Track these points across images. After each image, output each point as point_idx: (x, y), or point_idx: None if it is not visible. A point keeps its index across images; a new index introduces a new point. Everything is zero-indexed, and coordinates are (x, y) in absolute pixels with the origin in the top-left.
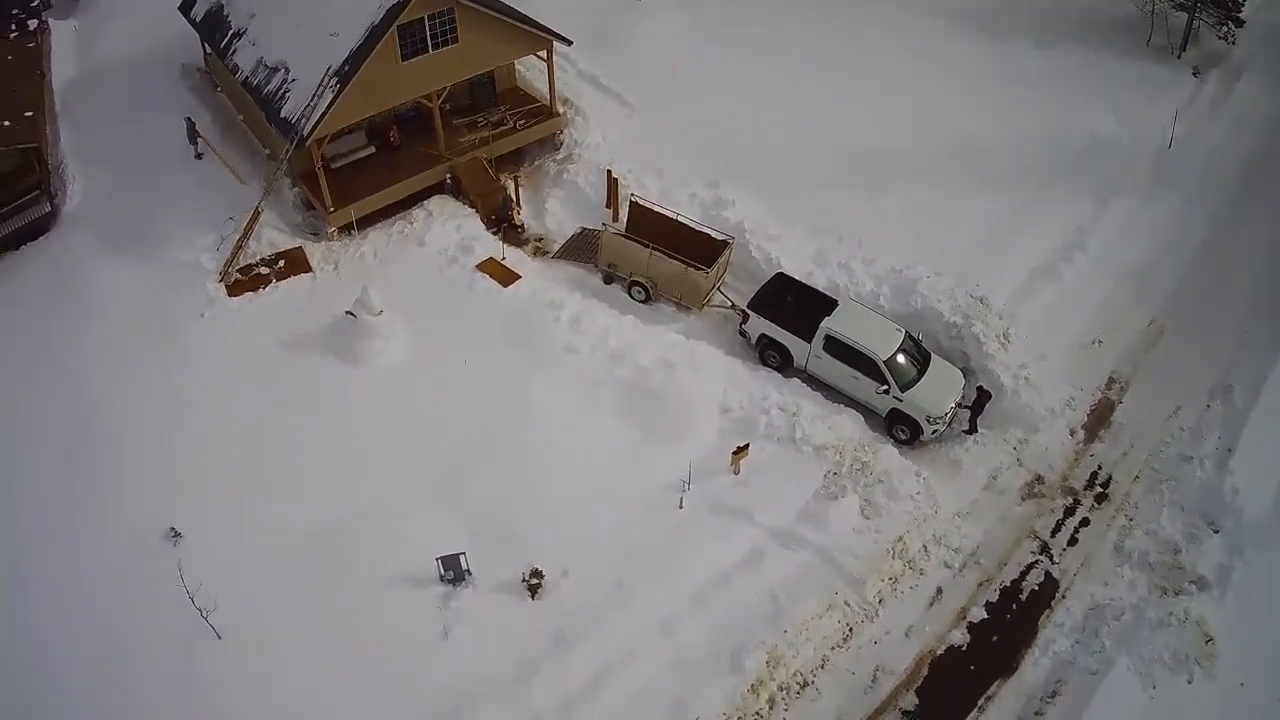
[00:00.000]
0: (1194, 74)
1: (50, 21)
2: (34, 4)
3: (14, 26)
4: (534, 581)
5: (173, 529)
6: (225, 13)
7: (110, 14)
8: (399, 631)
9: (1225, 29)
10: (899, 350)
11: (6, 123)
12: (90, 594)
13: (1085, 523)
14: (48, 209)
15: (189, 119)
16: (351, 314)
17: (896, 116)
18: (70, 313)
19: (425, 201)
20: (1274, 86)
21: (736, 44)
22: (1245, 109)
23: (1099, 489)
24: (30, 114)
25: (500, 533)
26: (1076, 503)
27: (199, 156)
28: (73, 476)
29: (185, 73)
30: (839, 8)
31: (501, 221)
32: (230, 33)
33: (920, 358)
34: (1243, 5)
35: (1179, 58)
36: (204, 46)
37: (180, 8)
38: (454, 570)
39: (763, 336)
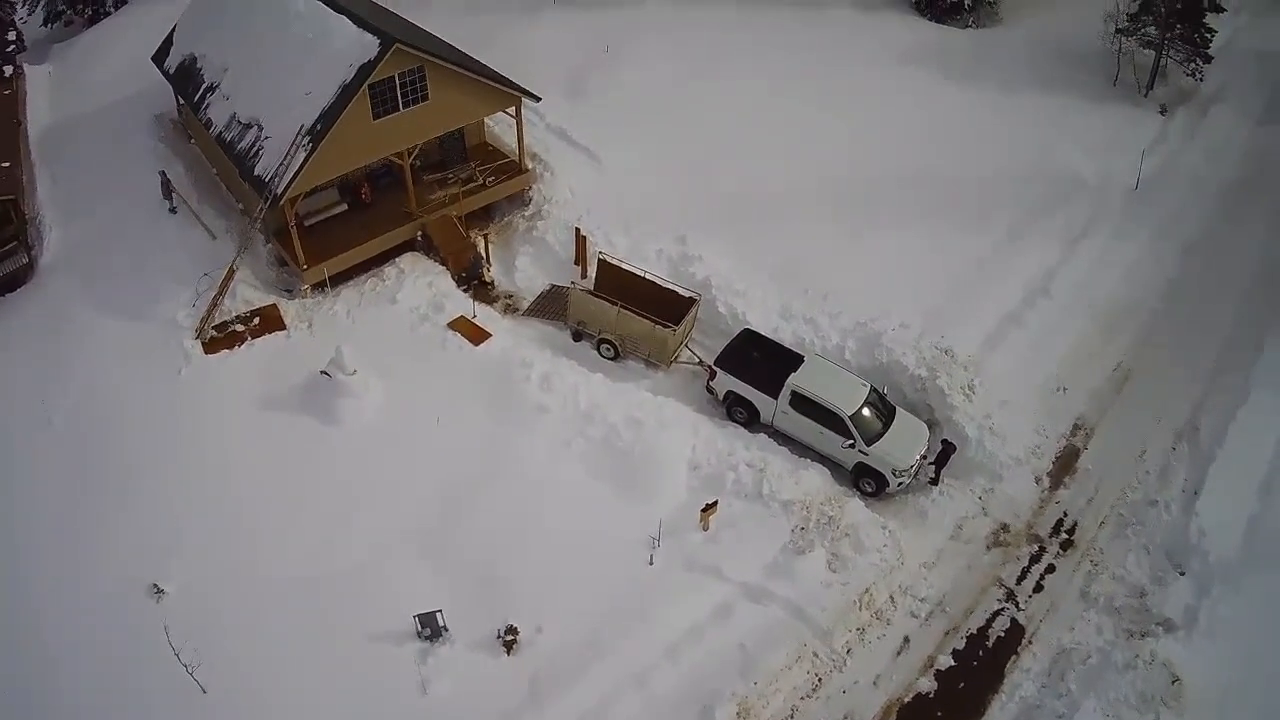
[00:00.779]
0: (1161, 112)
1: (25, 66)
2: (9, 49)
3: None
4: (509, 638)
5: (155, 585)
6: (199, 66)
7: (84, 60)
8: (379, 687)
9: (1193, 65)
10: (864, 405)
11: None
12: (75, 651)
13: (1051, 569)
14: (25, 260)
15: (163, 173)
16: (326, 374)
17: (866, 161)
18: (50, 368)
19: (397, 259)
20: (1240, 120)
21: (708, 90)
22: (1213, 144)
23: (1065, 535)
24: (7, 164)
25: (476, 588)
26: (1042, 550)
27: (173, 211)
28: (55, 534)
29: (159, 123)
30: (809, 47)
31: (472, 279)
32: (204, 86)
33: (885, 411)
34: (1210, 40)
35: (1145, 95)
36: (177, 98)
37: (154, 58)
38: (431, 627)
39: (730, 393)
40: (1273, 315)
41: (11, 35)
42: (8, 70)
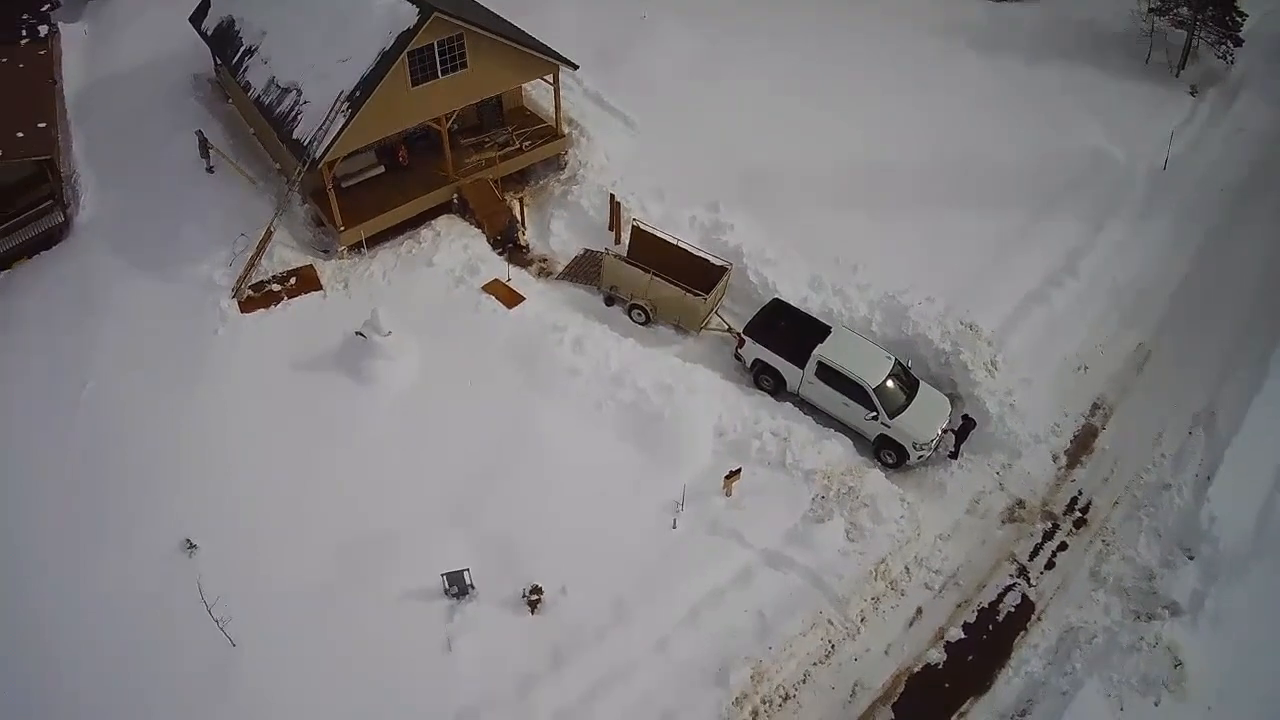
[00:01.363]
0: (1191, 93)
1: (60, 25)
2: (44, 8)
3: (24, 32)
4: (534, 598)
5: (188, 540)
6: (237, 28)
7: (120, 19)
8: (405, 643)
9: (1224, 48)
10: (888, 378)
11: (20, 134)
12: (107, 602)
13: (1063, 547)
14: (60, 219)
15: (200, 132)
16: (361, 335)
17: (897, 136)
18: (87, 327)
19: (433, 221)
20: (1271, 104)
21: (740, 60)
22: (1245, 125)
23: (1078, 514)
24: (44, 125)
25: (503, 549)
26: (1055, 527)
27: (210, 170)
28: (92, 488)
29: (196, 83)
30: (842, 22)
31: (507, 242)
32: (242, 49)
33: (909, 385)
34: (1241, 24)
35: (1177, 76)
36: (215, 58)
37: (191, 19)
38: (458, 585)
39: (757, 361)
40: None
41: None
42: (43, 30)
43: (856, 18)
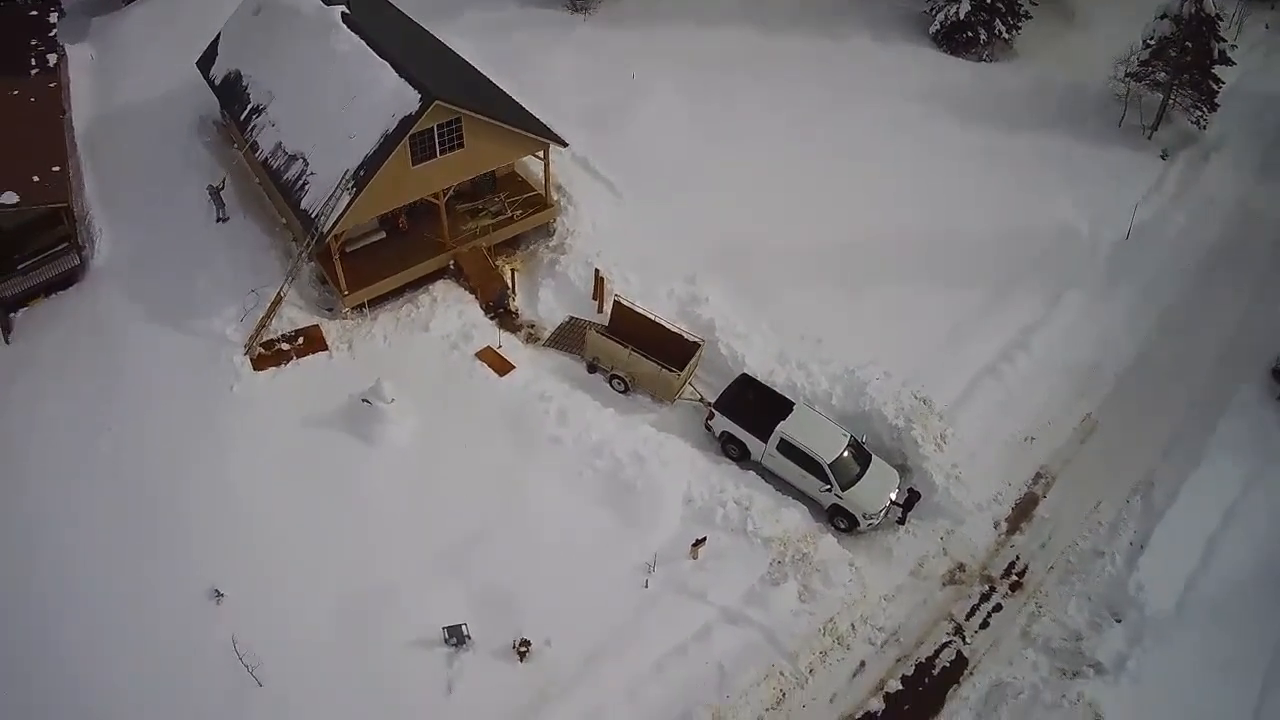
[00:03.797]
0: (1162, 156)
1: (66, 47)
2: (52, 33)
3: (34, 61)
4: (523, 649)
5: (216, 590)
6: (244, 84)
7: (126, 46)
8: (412, 686)
9: (1199, 112)
10: (842, 454)
11: (36, 178)
12: (139, 649)
13: (998, 608)
14: (76, 262)
15: (211, 187)
16: (367, 401)
17: (871, 208)
18: (104, 374)
19: (430, 286)
20: (1241, 169)
21: (726, 126)
22: (1208, 197)
23: (1015, 578)
24: (58, 168)
25: (495, 602)
26: (992, 589)
27: (220, 220)
28: (118, 537)
29: (202, 126)
30: (828, 82)
31: (499, 308)
32: (249, 106)
33: (861, 459)
34: (1217, 92)
35: (1150, 138)
36: (222, 109)
37: (199, 64)
38: (456, 636)
39: (725, 433)
40: (1238, 384)
41: (54, 17)
42: (51, 59)
43: (837, 75)
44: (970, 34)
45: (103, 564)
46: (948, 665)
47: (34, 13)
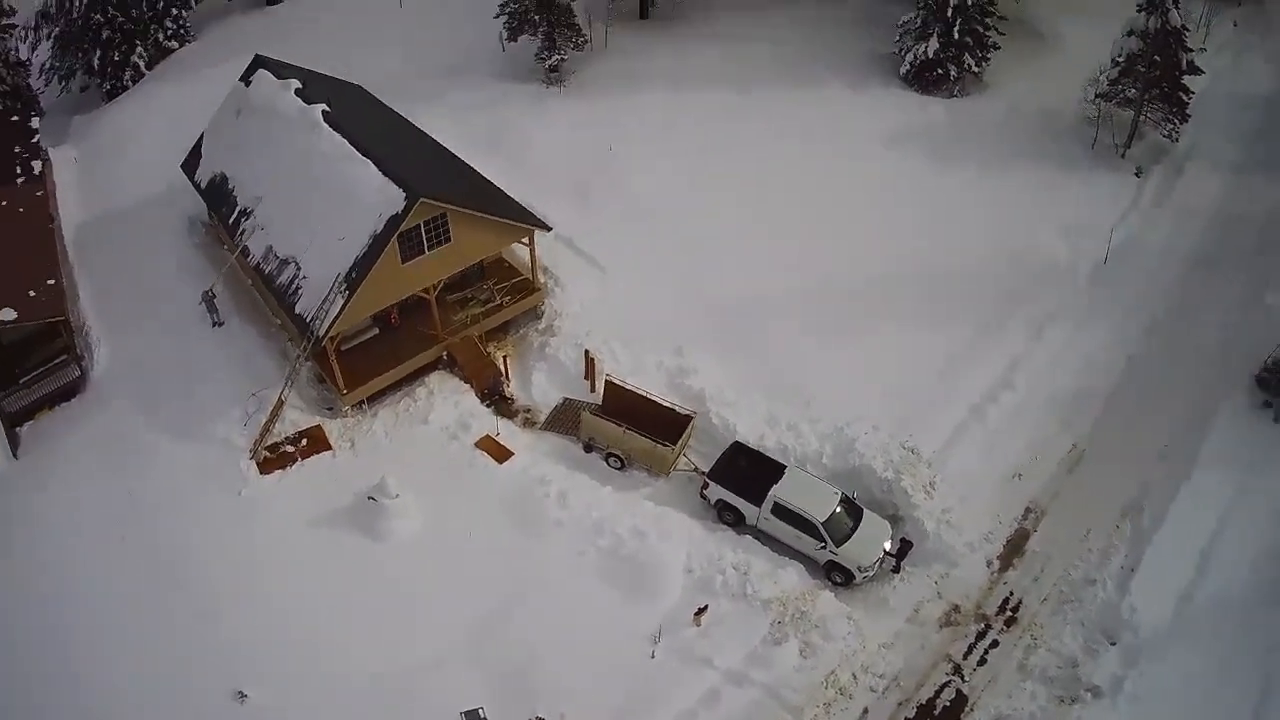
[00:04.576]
0: (1136, 174)
1: (50, 151)
2: (34, 139)
3: (19, 169)
4: None
5: (240, 691)
6: (231, 187)
7: (109, 146)
8: None
9: (1170, 126)
10: (835, 511)
11: (31, 292)
12: None
13: (995, 644)
14: (77, 373)
15: (205, 293)
16: (373, 499)
17: (853, 258)
18: (115, 486)
19: (425, 378)
20: (1218, 171)
21: (706, 189)
22: (1186, 208)
23: (1009, 613)
24: (52, 281)
25: (510, 683)
26: (988, 627)
27: (216, 325)
28: (139, 647)
29: (191, 226)
30: (803, 140)
31: (494, 395)
32: (237, 209)
33: (854, 514)
34: (1188, 103)
35: (1123, 156)
36: (209, 211)
37: (184, 167)
38: None
39: (720, 500)
40: (1224, 395)
41: (35, 121)
42: (36, 166)
43: (815, 126)
44: (940, 71)
45: (124, 673)
46: (948, 704)
47: (15, 118)
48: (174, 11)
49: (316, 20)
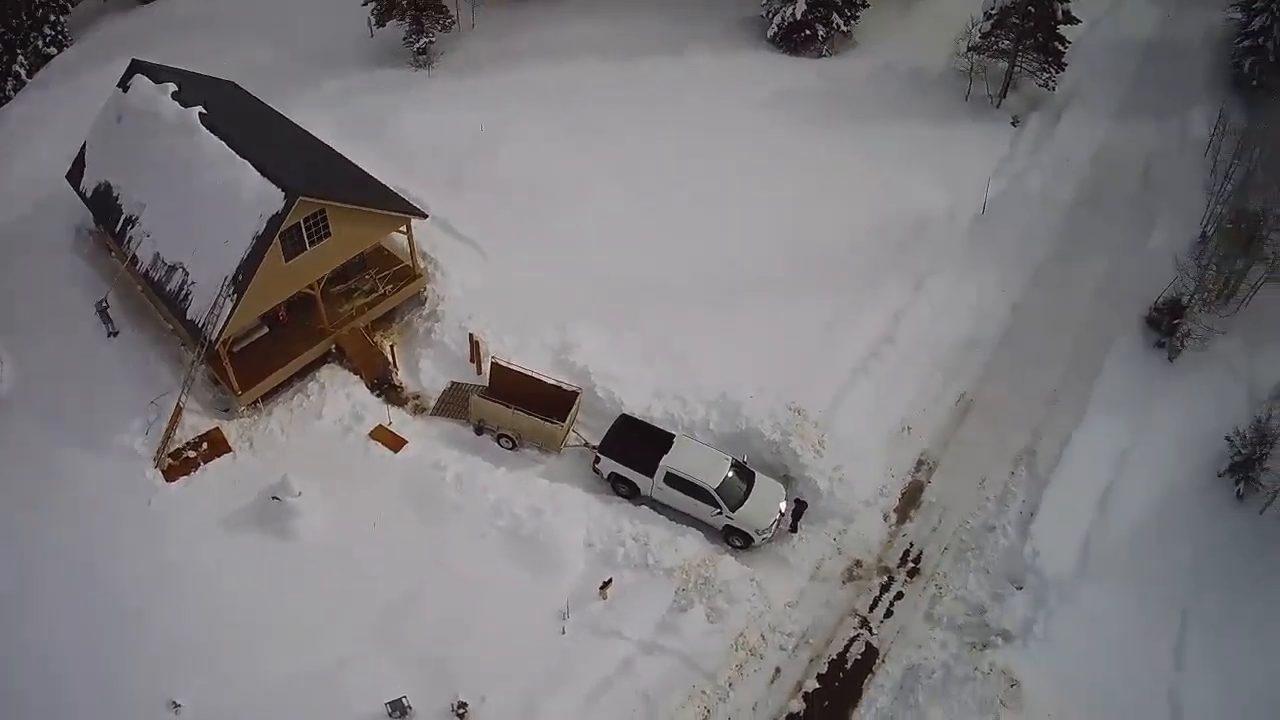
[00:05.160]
0: (1013, 123)
1: None
2: None
3: None
4: (461, 710)
5: (173, 701)
6: (115, 195)
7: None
8: None
9: (1047, 75)
10: (727, 476)
11: None
12: None
13: (900, 596)
14: None
15: (99, 304)
16: (277, 498)
17: (737, 228)
18: (31, 504)
19: (316, 373)
20: (1096, 117)
21: (580, 163)
22: (1064, 153)
23: (911, 564)
24: None
25: (429, 670)
26: (891, 579)
27: (111, 335)
28: (72, 662)
29: (79, 237)
30: (671, 110)
31: (383, 384)
32: (123, 218)
33: (746, 478)
34: (1064, 52)
35: (998, 106)
36: (96, 221)
37: (69, 177)
38: (399, 710)
39: (613, 473)
40: (1115, 338)
41: None
42: None
43: (690, 97)
44: (809, 32)
45: (54, 692)
46: (859, 658)
47: None
48: (52, 18)
49: (189, 16)
